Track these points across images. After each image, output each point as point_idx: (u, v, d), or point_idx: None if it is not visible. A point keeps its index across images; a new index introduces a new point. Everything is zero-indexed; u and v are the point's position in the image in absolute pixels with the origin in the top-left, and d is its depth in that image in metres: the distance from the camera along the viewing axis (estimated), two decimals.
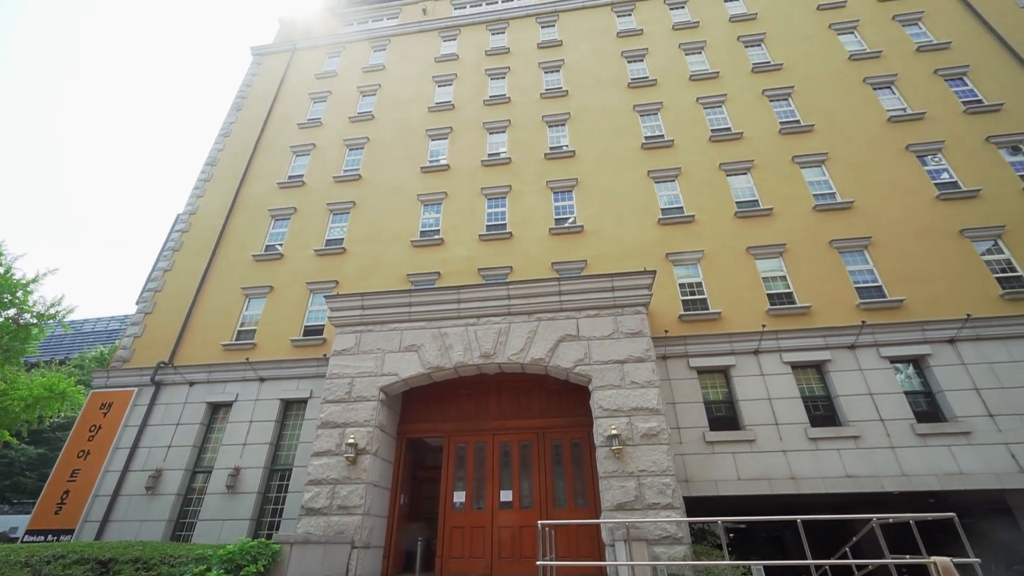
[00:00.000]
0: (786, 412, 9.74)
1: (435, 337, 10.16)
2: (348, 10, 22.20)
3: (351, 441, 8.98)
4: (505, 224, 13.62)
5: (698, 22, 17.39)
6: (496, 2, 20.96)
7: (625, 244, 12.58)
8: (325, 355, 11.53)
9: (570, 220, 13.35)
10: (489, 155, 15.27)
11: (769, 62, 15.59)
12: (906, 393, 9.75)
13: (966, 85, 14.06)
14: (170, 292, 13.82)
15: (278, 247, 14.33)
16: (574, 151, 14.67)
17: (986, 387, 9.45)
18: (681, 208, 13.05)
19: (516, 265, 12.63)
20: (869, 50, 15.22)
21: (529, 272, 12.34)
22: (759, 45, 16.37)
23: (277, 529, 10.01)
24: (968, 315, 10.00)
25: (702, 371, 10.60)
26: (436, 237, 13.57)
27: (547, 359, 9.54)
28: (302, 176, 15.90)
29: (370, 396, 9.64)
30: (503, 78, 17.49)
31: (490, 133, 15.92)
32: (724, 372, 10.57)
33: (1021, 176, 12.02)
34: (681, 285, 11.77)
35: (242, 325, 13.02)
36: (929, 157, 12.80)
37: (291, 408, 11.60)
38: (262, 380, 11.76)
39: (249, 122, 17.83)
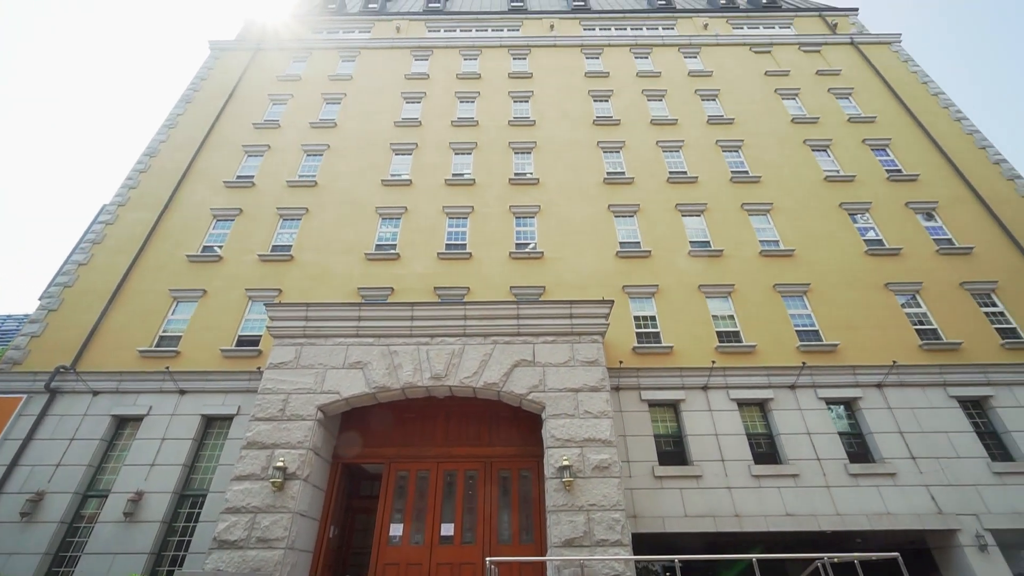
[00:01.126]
0: (732, 449, 9.88)
1: (384, 355, 9.58)
2: (319, 18, 21.82)
3: (280, 464, 8.11)
4: (465, 244, 13.37)
5: (660, 72, 18.47)
6: (470, 30, 21.36)
7: (583, 274, 12.66)
8: (259, 368, 10.57)
9: (531, 246, 13.33)
10: (454, 175, 15.12)
11: (722, 116, 16.72)
12: (840, 434, 10.21)
13: (888, 155, 15.67)
14: (83, 289, 12.32)
15: (217, 249, 13.25)
16: (538, 179, 14.83)
17: (909, 431, 10.08)
18: (638, 243, 13.39)
19: (474, 286, 12.34)
20: (808, 116, 16.70)
21: (487, 294, 12.09)
22: (714, 100, 17.57)
23: (181, 565, 8.77)
24: (894, 362, 10.75)
25: (653, 404, 10.63)
26: (392, 252, 13.08)
27: (501, 384, 9.20)
28: (252, 177, 14.99)
29: (306, 415, 8.84)
30: (472, 102, 17.62)
31: (456, 153, 15.83)
32: (674, 406, 10.65)
33: (934, 239, 13.35)
34: (636, 318, 11.92)
35: (165, 331, 11.75)
36: (859, 215, 14.00)
37: (213, 425, 10.44)
38: (182, 392, 10.55)
39: (199, 116, 16.76)
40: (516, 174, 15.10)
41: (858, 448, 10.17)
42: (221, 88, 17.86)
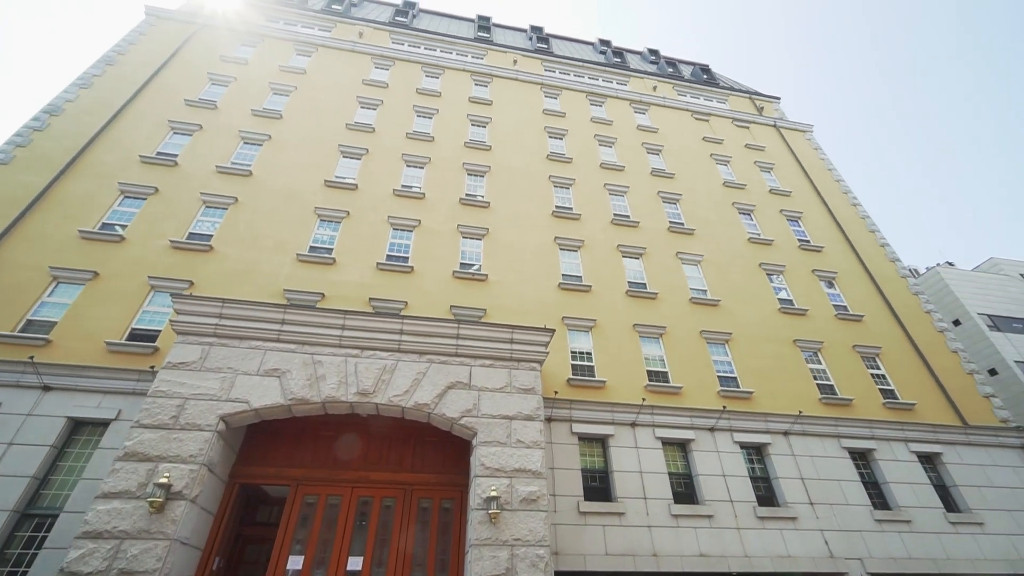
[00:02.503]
0: (654, 487, 10.03)
1: (306, 364, 8.74)
2: (276, 7, 20.82)
3: (163, 481, 6.94)
4: (408, 257, 12.88)
5: (612, 121, 19.59)
6: (435, 50, 21.44)
7: (525, 300, 12.62)
8: (153, 367, 9.20)
9: (476, 267, 13.12)
10: (403, 186, 14.69)
11: (664, 170, 17.94)
12: (751, 478, 10.77)
13: (800, 227, 17.58)
14: None
15: (120, 228, 11.64)
16: (489, 203, 14.81)
17: (809, 477, 10.87)
18: (580, 277, 13.68)
19: (413, 301, 11.83)
20: (737, 181, 18.41)
21: (426, 311, 11.62)
22: (658, 154, 18.86)
23: None
24: (800, 412, 11.67)
25: (583, 438, 10.60)
26: (328, 256, 12.25)
27: (433, 405, 8.71)
28: (176, 156, 13.53)
29: (205, 425, 7.73)
30: (430, 118, 17.47)
31: (408, 165, 15.46)
32: (603, 441, 10.68)
33: (834, 305, 14.98)
34: (572, 350, 11.99)
35: (36, 314, 9.94)
36: (775, 276, 15.42)
37: (82, 431, 8.81)
38: (47, 389, 8.86)
39: (120, 81, 15.02)
40: (467, 195, 14.99)
41: (765, 492, 10.76)
42: (153, 56, 16.23)
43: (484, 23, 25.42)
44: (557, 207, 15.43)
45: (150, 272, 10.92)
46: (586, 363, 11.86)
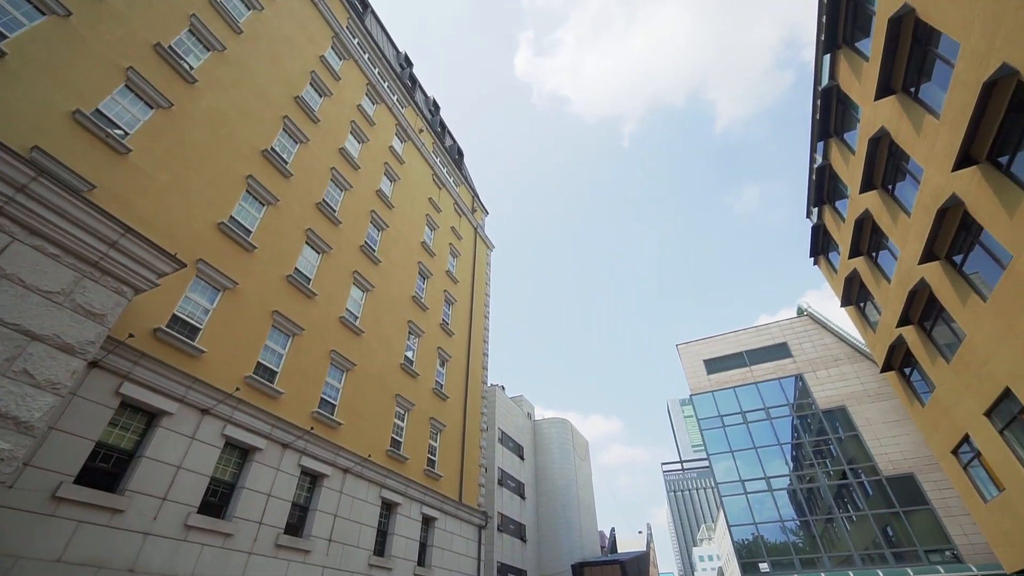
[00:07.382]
0: (185, 488, 8.29)
1: None
2: None
3: None
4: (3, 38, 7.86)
5: (375, 124, 19.08)
6: None
7: (166, 218, 9.47)
8: None
9: (123, 135, 9.18)
10: None
11: (389, 197, 18.32)
12: (292, 503, 10.42)
13: (449, 311, 20.71)
14: None
15: None
16: (202, 87, 11.18)
17: (342, 516, 11.41)
18: (250, 232, 11.54)
19: None
20: (432, 248, 20.56)
21: None
22: (392, 182, 19.23)
23: None
24: (369, 455, 12.51)
25: (128, 404, 8.01)
26: None
27: None
28: None
29: None
30: None
31: None
32: (153, 416, 8.34)
33: (435, 380, 17.72)
34: (185, 302, 9.47)
35: None
36: (413, 337, 17.21)
37: None
38: None
39: None
40: (180, 55, 10.91)
41: (297, 521, 10.56)
42: None
43: None
44: (273, 151, 13.08)
45: None
46: (195, 323, 9.51)
